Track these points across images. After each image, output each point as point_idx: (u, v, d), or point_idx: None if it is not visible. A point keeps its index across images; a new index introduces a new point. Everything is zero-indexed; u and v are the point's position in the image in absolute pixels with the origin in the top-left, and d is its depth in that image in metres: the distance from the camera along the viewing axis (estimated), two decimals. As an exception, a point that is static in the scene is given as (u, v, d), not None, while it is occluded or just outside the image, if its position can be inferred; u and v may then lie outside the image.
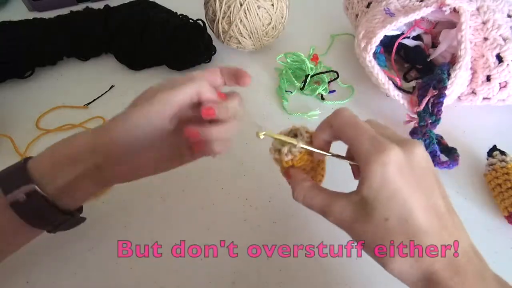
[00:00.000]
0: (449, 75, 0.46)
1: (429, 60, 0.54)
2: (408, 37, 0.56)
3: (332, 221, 0.28)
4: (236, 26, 0.57)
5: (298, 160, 0.31)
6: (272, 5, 0.57)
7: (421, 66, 0.56)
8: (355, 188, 0.27)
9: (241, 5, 0.55)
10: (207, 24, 0.61)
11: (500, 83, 0.48)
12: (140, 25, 0.58)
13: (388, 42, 0.55)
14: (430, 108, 0.47)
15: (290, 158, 0.30)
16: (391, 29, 0.50)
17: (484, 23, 0.48)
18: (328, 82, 0.57)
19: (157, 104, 0.30)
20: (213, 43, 0.62)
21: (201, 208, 0.44)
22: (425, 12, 0.49)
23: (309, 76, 0.56)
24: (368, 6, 0.57)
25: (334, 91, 0.57)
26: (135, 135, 0.30)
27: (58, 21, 0.59)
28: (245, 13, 0.56)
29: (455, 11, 0.48)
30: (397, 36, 0.55)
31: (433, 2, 0.49)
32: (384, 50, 0.55)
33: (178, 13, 0.62)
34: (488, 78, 0.48)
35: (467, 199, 0.45)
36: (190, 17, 0.61)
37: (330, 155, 0.30)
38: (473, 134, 0.51)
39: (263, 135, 0.29)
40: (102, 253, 0.40)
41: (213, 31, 0.61)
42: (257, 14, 0.56)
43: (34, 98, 0.57)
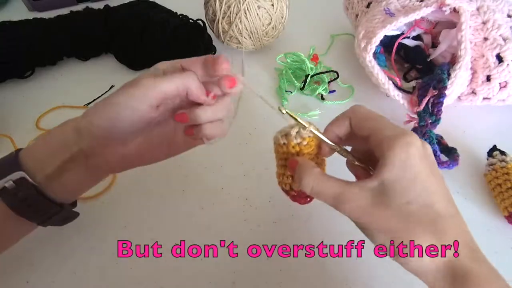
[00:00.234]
0: (449, 75, 0.46)
1: (429, 60, 0.54)
2: (408, 37, 0.56)
3: (347, 209, 0.27)
4: (236, 26, 0.57)
5: (306, 146, 0.30)
6: (272, 5, 0.57)
7: (421, 66, 0.56)
8: None
9: (241, 5, 0.55)
10: (207, 24, 0.61)
11: (500, 83, 0.48)
12: (140, 25, 0.58)
13: (388, 42, 0.55)
14: (430, 108, 0.47)
15: (299, 141, 0.30)
16: (391, 29, 0.50)
17: (484, 23, 0.48)
18: (328, 82, 0.57)
19: (141, 87, 0.30)
20: (213, 43, 0.62)
21: (201, 208, 0.44)
22: (425, 12, 0.49)
23: (309, 76, 0.56)
24: (368, 6, 0.57)
25: (334, 91, 0.57)
26: (117, 117, 0.30)
27: (58, 21, 0.59)
28: (245, 13, 0.56)
29: (455, 11, 0.48)
30: (397, 36, 0.55)
31: (433, 2, 0.49)
32: (384, 50, 0.55)
33: (178, 13, 0.62)
34: (488, 78, 0.48)
35: (467, 199, 0.45)
36: (190, 17, 0.61)
37: (339, 148, 0.30)
38: (473, 134, 0.51)
39: (285, 111, 0.30)
40: (102, 253, 0.40)
41: (213, 31, 0.61)
42: (257, 14, 0.56)
43: (34, 98, 0.57)
